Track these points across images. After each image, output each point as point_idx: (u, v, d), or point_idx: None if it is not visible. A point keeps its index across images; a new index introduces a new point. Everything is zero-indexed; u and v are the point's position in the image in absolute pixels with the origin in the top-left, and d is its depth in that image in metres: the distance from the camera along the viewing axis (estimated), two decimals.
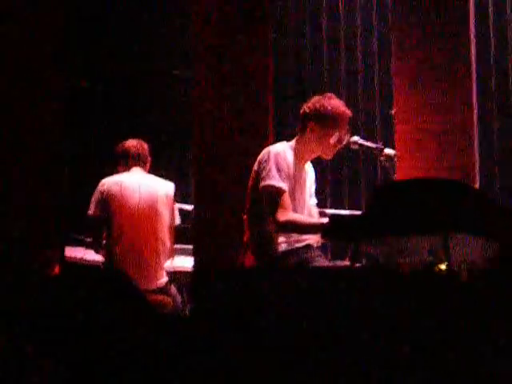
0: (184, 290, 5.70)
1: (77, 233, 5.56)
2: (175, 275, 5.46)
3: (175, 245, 5.33)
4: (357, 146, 4.36)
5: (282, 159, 4.26)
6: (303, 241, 4.29)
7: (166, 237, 5.19)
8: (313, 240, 4.31)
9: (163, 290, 5.12)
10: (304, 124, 4.39)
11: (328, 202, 6.36)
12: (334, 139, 4.34)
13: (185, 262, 5.62)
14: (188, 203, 5.92)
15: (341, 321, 3.00)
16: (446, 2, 5.65)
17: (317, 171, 4.64)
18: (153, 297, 4.90)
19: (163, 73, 7.27)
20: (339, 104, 4.39)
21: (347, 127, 4.39)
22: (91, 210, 5.14)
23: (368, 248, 3.77)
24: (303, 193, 4.42)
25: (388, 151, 4.34)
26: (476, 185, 5.53)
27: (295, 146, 4.39)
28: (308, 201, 4.48)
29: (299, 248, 4.29)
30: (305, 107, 4.41)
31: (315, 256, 4.28)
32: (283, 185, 4.21)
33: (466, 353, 2.90)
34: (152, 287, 5.03)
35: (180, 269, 5.58)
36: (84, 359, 3.03)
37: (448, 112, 5.60)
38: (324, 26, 6.77)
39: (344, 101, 4.52)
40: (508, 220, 3.59)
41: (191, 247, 5.56)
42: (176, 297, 5.29)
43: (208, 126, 5.46)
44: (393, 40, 5.83)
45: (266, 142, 5.06)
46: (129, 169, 5.27)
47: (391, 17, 5.97)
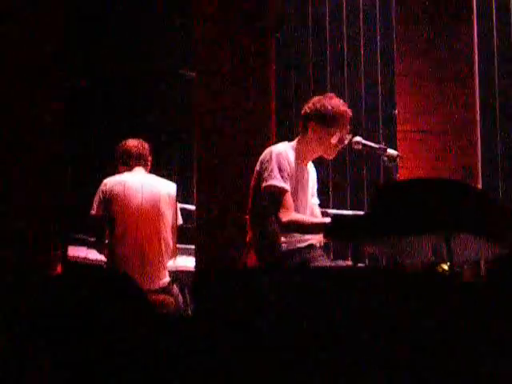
0: (186, 290, 5.70)
1: (79, 232, 5.56)
2: (177, 275, 5.46)
3: (177, 245, 5.33)
4: (359, 147, 4.34)
5: (284, 159, 4.26)
6: (305, 241, 4.29)
7: (169, 237, 5.19)
8: (315, 240, 4.31)
9: (166, 290, 5.12)
10: (305, 124, 4.39)
11: (330, 202, 6.36)
12: (336, 139, 4.34)
13: (187, 262, 5.62)
14: (190, 203, 5.92)
15: (343, 321, 3.00)
16: (449, 3, 5.65)
17: (319, 171, 4.64)
18: (155, 296, 4.90)
19: (164, 72, 7.27)
20: (340, 103, 4.38)
21: (348, 127, 4.38)
22: (94, 210, 5.13)
23: (370, 248, 3.77)
24: (305, 193, 4.42)
25: (390, 151, 4.33)
26: (478, 185, 5.52)
27: (297, 146, 4.38)
28: (310, 201, 4.48)
29: (301, 248, 4.29)
30: (305, 107, 4.41)
31: (317, 256, 4.28)
32: (285, 185, 4.20)
33: (469, 353, 2.90)
34: (155, 287, 5.03)
35: (182, 268, 5.58)
36: (85, 359, 3.03)
37: (450, 112, 5.59)
38: (327, 26, 6.76)
39: (347, 101, 4.52)
40: (510, 220, 3.59)
41: (193, 247, 5.56)
42: (178, 297, 5.29)
43: (209, 127, 5.46)
44: (396, 40, 5.83)
45: (268, 142, 5.06)
46: (130, 169, 5.27)
47: (394, 18, 5.96)
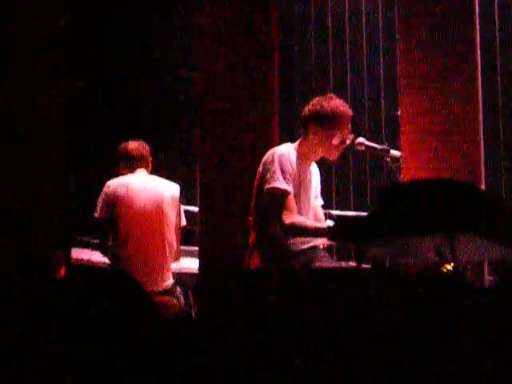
0: (189, 292, 5.70)
1: (83, 234, 5.56)
2: (181, 277, 5.46)
3: (181, 246, 5.33)
4: (362, 148, 4.33)
5: (287, 161, 4.24)
6: (309, 242, 4.28)
7: (173, 238, 5.18)
8: (319, 241, 4.30)
9: (169, 292, 5.12)
10: (306, 126, 4.37)
11: (334, 203, 6.36)
12: (337, 140, 4.32)
13: (190, 264, 5.62)
14: (193, 205, 5.93)
15: (347, 322, 3.00)
16: (452, 4, 5.65)
17: (322, 172, 4.63)
18: (159, 298, 4.89)
19: (166, 73, 7.28)
20: (340, 104, 4.35)
21: (349, 127, 4.36)
22: (97, 212, 5.11)
23: (374, 249, 3.77)
24: (308, 194, 4.41)
25: (393, 152, 4.32)
26: (481, 185, 5.53)
27: (299, 148, 4.36)
28: (313, 202, 4.47)
29: (305, 249, 4.28)
30: (305, 109, 4.39)
31: (321, 257, 4.27)
32: (288, 187, 4.19)
33: (472, 353, 2.89)
34: (158, 289, 5.02)
35: (186, 270, 5.59)
36: (89, 361, 3.03)
37: (453, 113, 5.60)
38: (329, 28, 6.77)
39: (349, 102, 4.51)
40: None
41: (197, 249, 5.57)
42: (181, 298, 5.29)
43: (211, 127, 5.46)
44: (398, 42, 5.83)
45: (271, 144, 5.06)
46: (132, 171, 5.25)
47: (397, 19, 5.97)
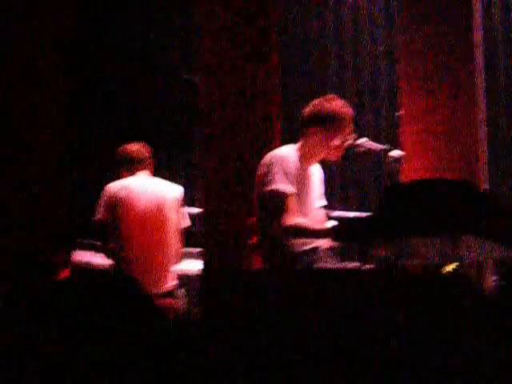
0: (192, 294, 5.69)
1: (85, 237, 5.55)
2: (183, 278, 5.46)
3: (183, 248, 5.33)
4: (364, 148, 4.33)
5: (288, 162, 4.23)
6: (311, 243, 4.27)
7: (175, 240, 5.18)
8: (321, 242, 4.30)
9: (171, 294, 5.12)
10: (307, 127, 4.35)
11: (335, 204, 6.36)
12: (338, 141, 4.30)
13: (193, 266, 5.62)
14: (195, 206, 5.92)
15: (350, 322, 3.00)
16: (452, 7, 5.65)
17: (324, 173, 4.63)
18: (161, 301, 4.90)
19: (168, 75, 7.28)
20: (340, 105, 4.33)
21: (350, 127, 4.34)
22: (98, 215, 5.11)
23: (377, 249, 3.77)
24: (310, 195, 4.40)
25: (395, 153, 4.32)
26: (484, 185, 5.52)
27: (300, 149, 4.35)
28: (315, 203, 4.46)
29: (307, 250, 4.27)
30: (306, 110, 4.37)
31: (324, 258, 4.27)
32: (289, 188, 4.18)
33: (475, 354, 2.89)
34: (160, 291, 5.02)
35: (188, 272, 5.58)
36: (91, 363, 3.03)
37: (454, 112, 5.59)
38: (330, 28, 6.77)
39: (350, 102, 4.49)
40: None
41: (199, 250, 5.57)
42: (183, 300, 5.29)
43: (213, 129, 5.46)
44: (399, 42, 5.83)
45: (273, 145, 5.06)
46: (133, 173, 5.25)
47: (397, 20, 5.97)
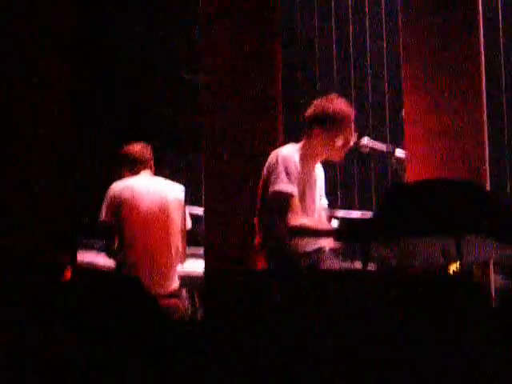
0: (195, 294, 5.70)
1: (88, 237, 5.55)
2: (186, 279, 5.46)
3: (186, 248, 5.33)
4: (367, 148, 4.33)
5: (291, 162, 4.22)
6: (314, 243, 4.27)
7: (178, 240, 5.17)
8: (324, 242, 4.30)
9: (175, 294, 5.11)
10: (309, 128, 4.35)
11: (338, 204, 6.36)
12: (340, 141, 4.29)
13: (196, 266, 5.62)
14: (198, 206, 5.92)
15: (353, 323, 3.00)
16: (456, 7, 5.64)
17: (327, 172, 4.62)
18: (165, 301, 4.89)
19: (171, 76, 7.28)
20: (342, 105, 4.32)
21: (353, 127, 4.33)
22: (102, 216, 5.10)
23: (380, 250, 3.77)
24: (313, 195, 4.40)
25: (398, 153, 4.32)
26: (487, 185, 5.52)
27: (303, 149, 4.34)
28: (318, 203, 4.46)
29: (310, 251, 4.27)
30: (308, 111, 4.36)
31: (327, 258, 4.27)
32: (293, 188, 4.18)
33: (480, 353, 2.89)
34: (164, 291, 5.02)
35: (191, 272, 5.58)
36: (93, 363, 3.03)
37: (457, 113, 5.58)
38: (333, 29, 6.77)
39: (353, 102, 4.49)
40: None
41: (202, 250, 5.56)
42: (187, 301, 5.29)
43: (216, 129, 5.46)
44: (402, 42, 5.82)
45: (275, 145, 5.05)
46: (136, 173, 5.25)
47: (400, 18, 5.96)
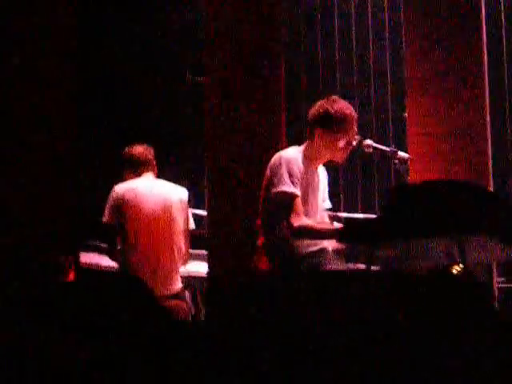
0: (199, 296, 5.69)
1: (91, 239, 5.55)
2: (189, 280, 5.46)
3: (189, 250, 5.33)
4: (370, 150, 4.33)
5: (294, 164, 4.23)
6: (317, 244, 4.28)
7: (182, 242, 5.17)
8: (327, 243, 4.30)
9: (178, 296, 5.11)
10: (311, 130, 4.35)
11: (341, 206, 6.36)
12: (343, 143, 4.30)
13: (199, 268, 5.62)
14: (201, 208, 5.93)
15: (357, 324, 3.00)
16: (458, 9, 5.64)
17: (330, 174, 4.63)
18: (168, 302, 4.90)
19: (174, 77, 7.28)
20: (344, 106, 4.33)
21: (355, 129, 4.34)
22: (105, 217, 5.10)
23: (383, 251, 3.77)
24: (316, 197, 4.40)
25: (401, 154, 4.32)
26: (490, 187, 5.52)
27: (305, 151, 4.35)
28: (321, 205, 4.46)
29: (313, 252, 4.27)
30: (310, 113, 4.37)
31: (330, 259, 4.27)
32: (295, 190, 4.19)
33: (484, 354, 2.89)
34: (167, 293, 5.02)
35: (194, 274, 5.58)
36: (97, 364, 3.04)
37: (460, 115, 5.59)
38: (336, 31, 6.77)
39: (356, 104, 4.49)
40: None
41: (205, 252, 5.56)
42: (189, 302, 5.29)
43: (219, 131, 5.46)
44: (405, 43, 5.82)
45: (278, 147, 5.06)
46: (139, 175, 5.25)
47: (403, 20, 5.97)
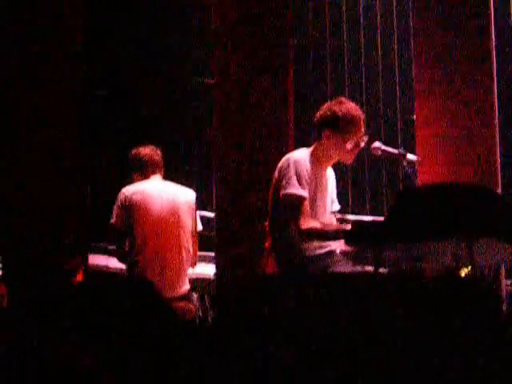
0: (206, 297, 5.70)
1: (100, 241, 5.56)
2: (197, 282, 5.46)
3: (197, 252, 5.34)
4: (379, 152, 4.32)
5: (302, 166, 4.24)
6: (325, 247, 4.27)
7: (189, 244, 5.17)
8: (335, 246, 4.30)
9: (186, 298, 5.12)
10: (319, 132, 4.36)
11: (349, 208, 6.35)
12: (351, 144, 4.30)
13: (206, 270, 5.62)
14: (209, 210, 5.93)
15: (365, 326, 3.00)
16: (467, 10, 5.63)
17: (338, 176, 4.63)
18: (176, 304, 4.90)
19: (182, 80, 7.29)
20: (351, 108, 4.33)
21: (363, 130, 4.34)
22: (114, 219, 5.10)
23: (391, 253, 3.76)
24: (324, 199, 4.40)
25: (410, 156, 4.31)
26: (498, 189, 5.51)
27: (314, 153, 4.36)
28: (329, 206, 4.46)
29: (321, 254, 4.27)
30: (318, 114, 4.38)
31: (338, 262, 4.27)
32: (304, 192, 4.19)
33: (492, 357, 2.89)
34: (175, 294, 5.02)
35: (202, 276, 5.59)
36: (104, 366, 3.04)
37: (469, 117, 5.58)
38: (344, 33, 6.77)
39: (365, 106, 4.49)
40: None
41: (213, 254, 5.57)
42: (197, 303, 5.29)
43: (227, 133, 5.46)
44: (413, 46, 5.82)
45: (287, 149, 5.06)
46: (147, 177, 5.25)
47: (412, 22, 5.96)
